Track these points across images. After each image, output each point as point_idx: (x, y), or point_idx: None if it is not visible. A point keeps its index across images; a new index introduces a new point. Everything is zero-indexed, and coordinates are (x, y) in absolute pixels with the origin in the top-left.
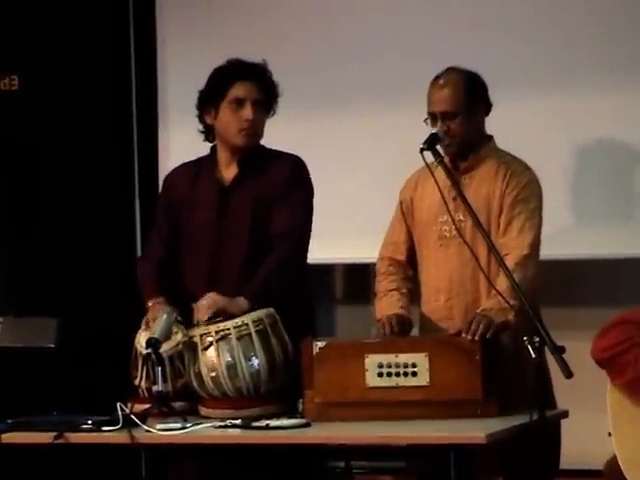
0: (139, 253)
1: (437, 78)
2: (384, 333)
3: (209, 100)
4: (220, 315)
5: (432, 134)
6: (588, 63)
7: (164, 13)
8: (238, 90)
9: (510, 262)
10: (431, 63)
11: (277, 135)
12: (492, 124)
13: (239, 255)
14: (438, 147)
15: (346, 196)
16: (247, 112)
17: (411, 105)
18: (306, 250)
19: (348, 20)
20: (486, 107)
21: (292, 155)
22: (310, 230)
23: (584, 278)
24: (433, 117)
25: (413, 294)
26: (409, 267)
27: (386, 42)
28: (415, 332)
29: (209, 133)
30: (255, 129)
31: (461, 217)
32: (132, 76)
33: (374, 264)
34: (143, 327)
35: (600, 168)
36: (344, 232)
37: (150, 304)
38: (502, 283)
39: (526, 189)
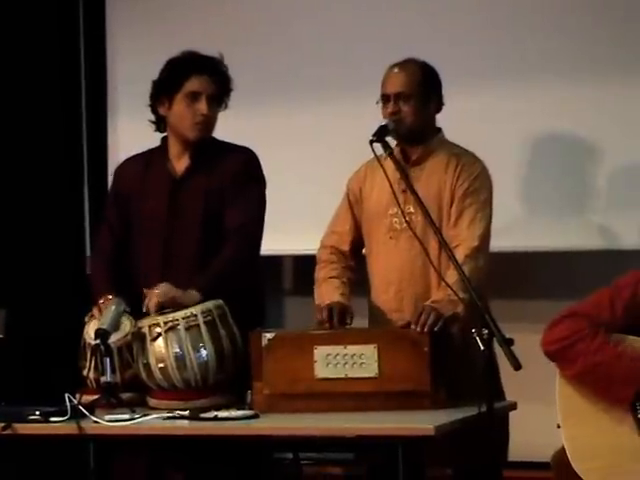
0: (88, 244)
1: (394, 65)
2: (322, 320)
3: (163, 91)
4: (171, 306)
5: (381, 126)
6: (541, 57)
7: (115, 3)
8: (194, 84)
9: (460, 254)
10: (385, 57)
11: (227, 127)
12: (445, 116)
13: (192, 247)
14: (388, 139)
15: (295, 188)
16: (202, 106)
17: (362, 98)
18: (259, 243)
19: (301, 15)
20: (438, 102)
21: (244, 148)
22: (263, 223)
23: (534, 270)
24: (386, 99)
25: (353, 284)
26: (351, 258)
27: (340, 37)
28: (364, 324)
29: (160, 123)
30: (209, 123)
31: (411, 210)
32: (81, 64)
33: None
34: (87, 319)
35: (552, 161)
36: (293, 224)
37: (101, 301)
38: (452, 275)
39: (477, 181)
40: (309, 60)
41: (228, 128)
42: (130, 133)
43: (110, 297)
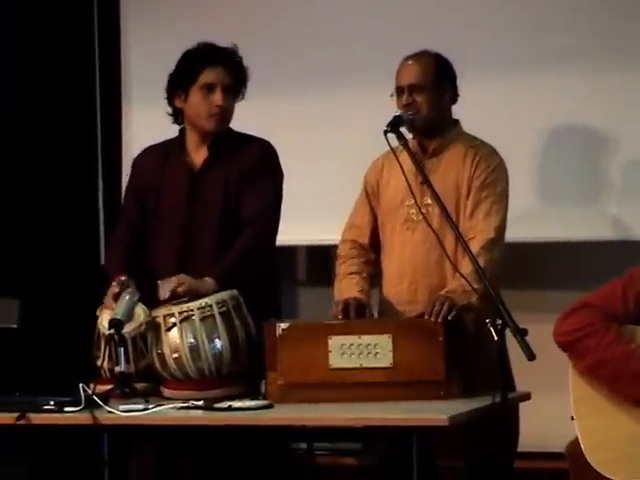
0: (102, 234)
1: (408, 57)
2: (338, 315)
3: (179, 84)
4: (188, 295)
5: (396, 116)
6: (557, 48)
7: None
8: (209, 75)
9: (476, 245)
10: (399, 46)
11: (241, 117)
12: (461, 107)
13: (210, 239)
14: (403, 129)
15: (309, 178)
16: (217, 98)
17: (378, 87)
18: (275, 234)
19: (316, 3)
20: (453, 93)
21: (261, 139)
22: (279, 214)
23: (548, 261)
24: (400, 91)
25: (374, 279)
26: (371, 251)
27: (355, 25)
28: (376, 315)
29: (178, 116)
30: (225, 114)
31: (428, 201)
32: (95, 58)
33: (337, 246)
34: (99, 312)
35: (567, 151)
36: (306, 214)
37: (113, 284)
38: (467, 266)
39: (494, 173)
40: (325, 48)
41: (242, 118)
42: (144, 121)
43: (123, 278)
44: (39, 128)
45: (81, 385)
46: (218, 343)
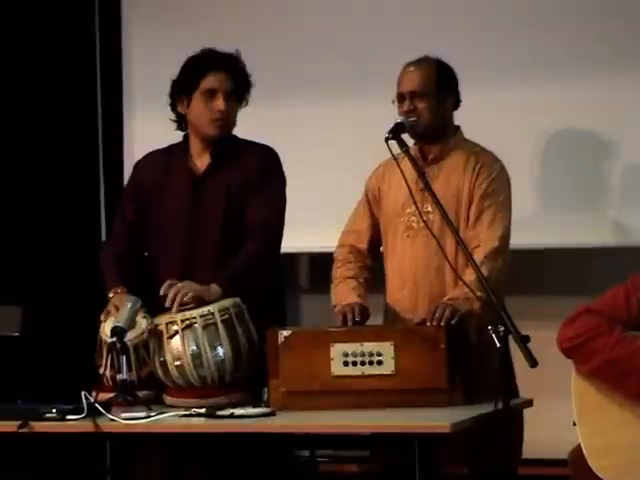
0: (103, 240)
1: (409, 63)
2: (345, 320)
3: (182, 89)
4: (193, 303)
5: (397, 123)
6: (556, 53)
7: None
8: (211, 81)
9: (480, 254)
10: (400, 53)
11: (245, 124)
12: (461, 114)
13: (212, 245)
14: (404, 136)
15: (311, 185)
16: (219, 103)
17: (380, 95)
18: (280, 240)
19: (316, 9)
20: (455, 100)
21: (264, 145)
22: (284, 220)
23: (550, 267)
24: (401, 97)
25: (370, 284)
26: (369, 256)
27: (357, 32)
28: (380, 322)
29: (181, 122)
30: (227, 120)
31: (429, 208)
32: (97, 60)
33: None
34: (103, 318)
35: (567, 158)
36: (309, 221)
37: (111, 294)
38: (469, 274)
39: (496, 181)
40: (327, 56)
41: (245, 125)
42: (146, 126)
43: (121, 290)
44: (41, 135)
45: (83, 393)
46: (220, 351)
